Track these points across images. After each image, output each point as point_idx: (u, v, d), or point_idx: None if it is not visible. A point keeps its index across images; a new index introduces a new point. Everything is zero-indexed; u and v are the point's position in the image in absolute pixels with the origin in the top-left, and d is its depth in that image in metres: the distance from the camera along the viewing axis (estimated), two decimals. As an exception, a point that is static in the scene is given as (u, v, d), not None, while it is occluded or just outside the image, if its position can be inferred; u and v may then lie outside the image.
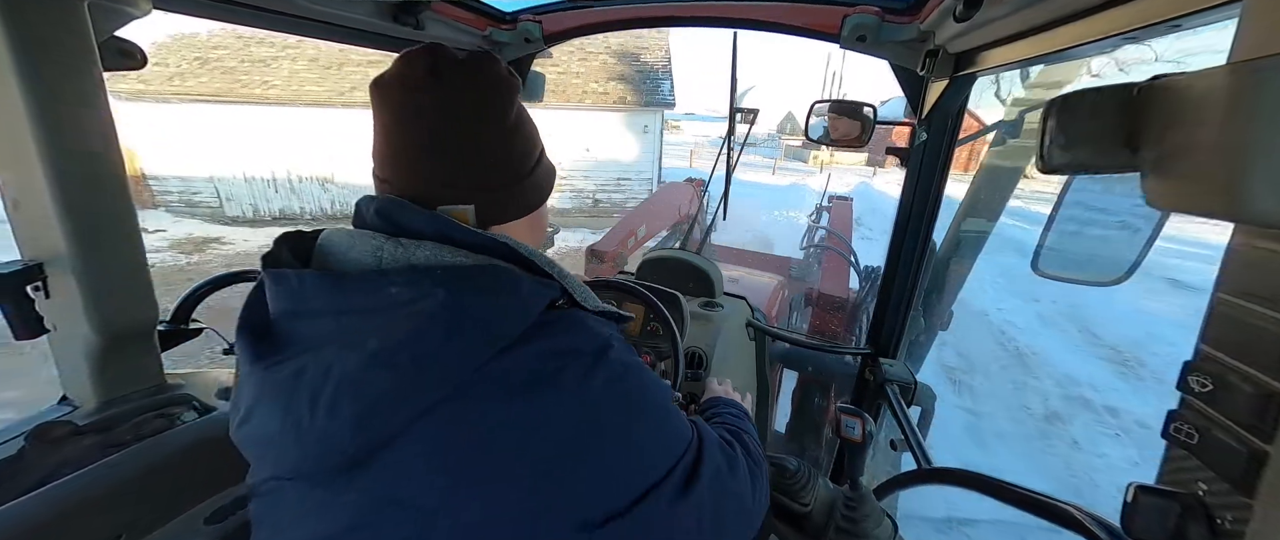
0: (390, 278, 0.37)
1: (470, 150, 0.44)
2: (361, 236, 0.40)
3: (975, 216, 1.79)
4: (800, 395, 2.29)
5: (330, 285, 0.38)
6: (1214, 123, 0.29)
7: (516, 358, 0.37)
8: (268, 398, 0.37)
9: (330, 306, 0.37)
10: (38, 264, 0.65)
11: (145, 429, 0.72)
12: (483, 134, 0.44)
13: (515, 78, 0.48)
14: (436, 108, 0.43)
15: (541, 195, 0.51)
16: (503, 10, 1.14)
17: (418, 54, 0.44)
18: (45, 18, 0.58)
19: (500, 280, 0.39)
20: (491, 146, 0.45)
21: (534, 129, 0.50)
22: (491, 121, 0.45)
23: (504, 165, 0.46)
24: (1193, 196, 0.31)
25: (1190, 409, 0.33)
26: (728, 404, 0.77)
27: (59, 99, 0.60)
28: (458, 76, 0.43)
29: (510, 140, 0.47)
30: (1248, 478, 0.28)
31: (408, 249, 0.39)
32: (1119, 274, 0.83)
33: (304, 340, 0.37)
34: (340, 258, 0.41)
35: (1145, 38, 0.52)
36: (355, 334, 0.36)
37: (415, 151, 0.44)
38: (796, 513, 0.87)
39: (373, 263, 0.39)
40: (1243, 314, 0.30)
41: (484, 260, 0.40)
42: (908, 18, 0.92)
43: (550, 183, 0.53)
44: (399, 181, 0.45)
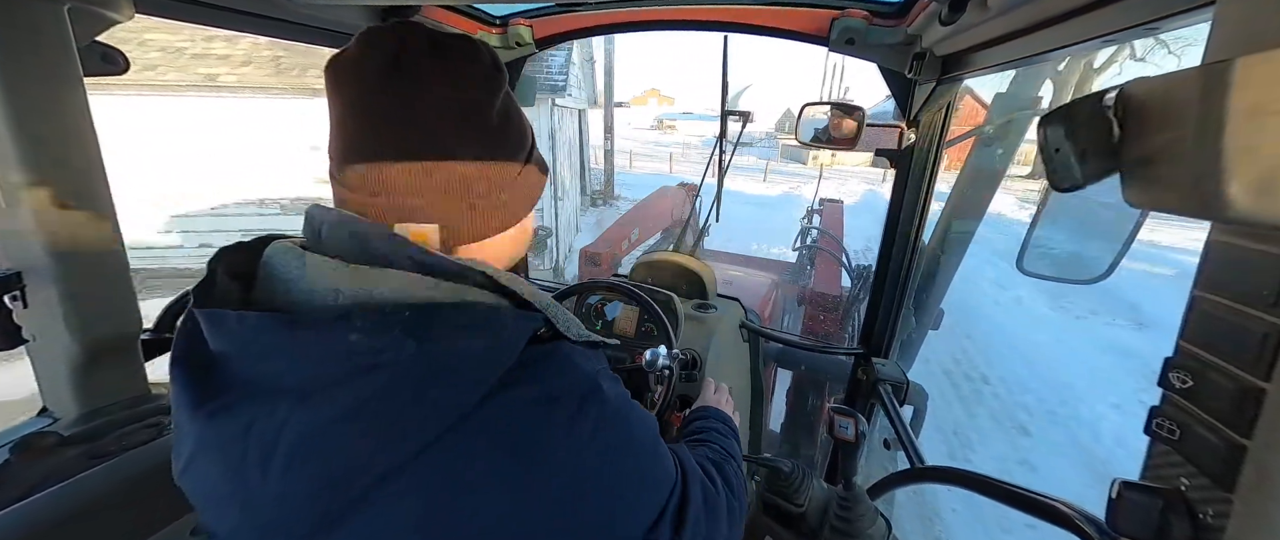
0: (352, 322, 0.31)
1: (441, 156, 0.37)
2: (315, 265, 0.34)
3: (961, 216, 1.81)
4: (794, 395, 2.30)
5: (280, 331, 0.32)
6: (1189, 124, 0.29)
7: (499, 406, 0.33)
8: (210, 450, 0.33)
9: (279, 353, 0.32)
10: (16, 273, 0.64)
11: (130, 439, 0.71)
12: (457, 138, 0.38)
13: (500, 67, 0.41)
14: (400, 107, 0.36)
15: (527, 203, 0.45)
16: (493, 15, 1.14)
17: (381, 38, 0.37)
18: (23, 22, 0.57)
19: (478, 319, 0.34)
20: (469, 151, 0.38)
21: (522, 125, 0.43)
22: (468, 123, 0.38)
23: (483, 173, 0.39)
24: (1170, 196, 0.32)
25: (1172, 405, 0.33)
26: (717, 417, 0.76)
27: (38, 105, 0.59)
28: (426, 69, 0.36)
29: (492, 143, 0.40)
30: (1228, 472, 0.29)
31: (370, 281, 0.33)
32: (1099, 272, 0.85)
33: (250, 386, 0.32)
34: (289, 287, 0.35)
35: (1125, 39, 0.53)
36: (312, 386, 0.31)
37: (372, 152, 0.37)
38: (791, 513, 0.87)
39: (329, 298, 0.33)
40: (1220, 311, 0.30)
41: (458, 292, 0.35)
42: (895, 21, 0.93)
43: (539, 187, 0.46)
44: (358, 187, 0.38)
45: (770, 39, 1.11)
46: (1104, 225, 0.84)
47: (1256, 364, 0.28)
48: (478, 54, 0.39)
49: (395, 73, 0.36)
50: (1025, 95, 1.72)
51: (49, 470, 0.63)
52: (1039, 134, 0.38)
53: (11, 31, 0.56)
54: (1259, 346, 0.28)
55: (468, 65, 0.38)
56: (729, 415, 0.79)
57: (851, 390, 1.39)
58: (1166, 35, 0.80)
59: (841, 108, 1.17)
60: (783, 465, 0.86)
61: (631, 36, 1.23)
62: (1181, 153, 0.30)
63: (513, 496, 0.33)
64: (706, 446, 0.65)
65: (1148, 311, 6.03)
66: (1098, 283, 0.85)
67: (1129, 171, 0.35)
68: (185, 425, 0.34)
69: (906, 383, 1.23)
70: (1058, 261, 0.95)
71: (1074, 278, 0.92)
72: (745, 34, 1.11)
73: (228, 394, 0.33)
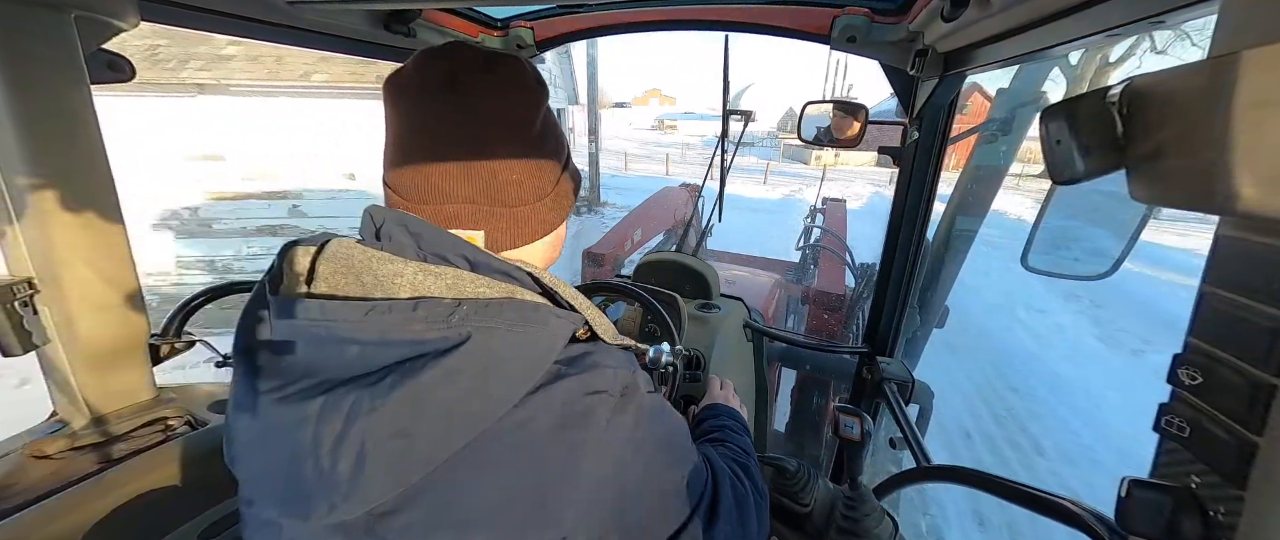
0: (416, 311, 0.34)
1: (490, 166, 0.41)
2: (378, 259, 0.37)
3: (965, 213, 1.81)
4: (799, 394, 2.29)
5: (354, 317, 0.34)
6: (1196, 118, 0.29)
7: (545, 399, 0.35)
8: (276, 433, 0.34)
9: (351, 340, 0.34)
10: (26, 279, 0.65)
11: (140, 443, 0.71)
12: (504, 149, 0.41)
13: (542, 83, 0.44)
14: (454, 119, 0.40)
15: (564, 211, 0.48)
16: (494, 17, 1.14)
17: (436, 57, 0.41)
18: (30, 31, 0.57)
19: (527, 315, 0.36)
20: (513, 162, 0.42)
21: (560, 137, 0.46)
22: (515, 134, 0.41)
23: (526, 182, 0.43)
24: (1177, 191, 0.31)
25: (1181, 402, 0.33)
26: (729, 415, 0.76)
27: (46, 113, 0.60)
28: (480, 85, 0.40)
29: (534, 154, 0.43)
30: (1239, 470, 0.29)
31: (427, 276, 0.36)
32: (1105, 268, 0.84)
33: (317, 372, 0.34)
34: (351, 281, 0.37)
35: (1129, 34, 0.52)
36: (377, 373, 0.33)
37: (429, 165, 0.40)
38: (797, 513, 0.86)
39: (391, 290, 0.36)
40: (1230, 306, 0.30)
41: (508, 291, 0.38)
42: (896, 18, 0.92)
43: (573, 196, 0.49)
44: (410, 194, 0.41)
45: (772, 38, 1.11)
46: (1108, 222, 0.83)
47: (1267, 360, 0.27)
48: (524, 70, 0.43)
49: (451, 89, 0.39)
50: (1029, 90, 1.71)
51: (60, 474, 0.64)
52: (1041, 127, 0.38)
53: (19, 40, 0.57)
54: (1269, 342, 0.27)
55: (516, 81, 0.42)
56: (738, 411, 0.79)
57: (856, 389, 1.39)
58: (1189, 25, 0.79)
59: (844, 106, 1.17)
60: (788, 464, 0.86)
61: (633, 37, 1.23)
62: (1188, 147, 0.30)
63: (556, 485, 0.34)
64: (725, 446, 0.65)
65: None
66: (1102, 279, 0.85)
67: (1135, 167, 0.34)
68: (245, 407, 0.36)
69: (912, 381, 1.22)
70: (1062, 258, 0.94)
71: (1078, 274, 0.91)
72: (746, 33, 1.11)
73: (295, 380, 0.34)
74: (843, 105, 1.18)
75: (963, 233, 1.83)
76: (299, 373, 0.35)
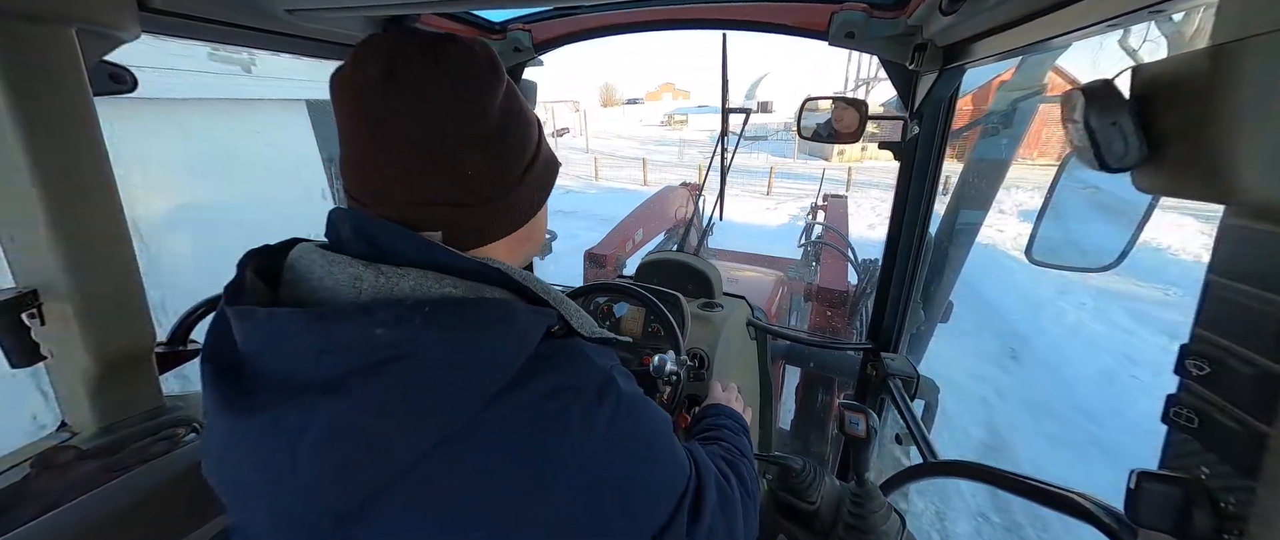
0: (375, 316, 0.32)
1: (440, 163, 0.38)
2: (337, 262, 0.36)
3: (967, 206, 1.80)
4: (804, 391, 2.29)
5: (306, 325, 0.33)
6: (1198, 106, 0.29)
7: (516, 398, 0.34)
8: (240, 445, 0.34)
9: (307, 347, 0.33)
10: (32, 291, 0.65)
11: (148, 452, 0.72)
12: (454, 144, 0.38)
13: (496, 67, 0.40)
14: (395, 115, 0.37)
15: (534, 205, 0.45)
16: (491, 20, 1.15)
17: (373, 48, 0.38)
18: (33, 45, 0.58)
19: (495, 313, 0.35)
20: (467, 156, 0.38)
21: (526, 124, 0.43)
22: (466, 127, 0.38)
23: (484, 177, 0.40)
24: (1181, 181, 0.31)
25: (1189, 393, 0.33)
26: (728, 415, 0.75)
27: (50, 126, 0.60)
28: (421, 75, 0.37)
29: (491, 146, 0.40)
30: (1249, 460, 0.28)
31: (390, 279, 0.35)
32: (1110, 260, 0.84)
33: (279, 383, 0.33)
34: (314, 285, 0.36)
35: (1129, 23, 0.52)
36: (338, 379, 0.32)
37: (375, 163, 0.38)
38: (804, 511, 0.86)
39: (351, 294, 0.35)
40: (1236, 296, 0.30)
41: (475, 290, 0.37)
42: (895, 12, 0.92)
43: (547, 186, 0.46)
44: (362, 196, 0.39)
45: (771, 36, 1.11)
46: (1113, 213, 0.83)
47: (1276, 348, 0.27)
48: (473, 55, 0.39)
49: (391, 81, 0.36)
50: (1032, 80, 1.70)
51: (69, 484, 0.64)
52: (1081, 112, 0.34)
53: (21, 53, 0.57)
54: (1278, 330, 0.27)
55: (464, 68, 0.38)
56: (739, 412, 0.78)
57: (861, 386, 1.38)
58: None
59: (843, 101, 1.17)
60: (794, 463, 0.86)
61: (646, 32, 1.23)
62: (1192, 136, 0.29)
63: (531, 485, 0.33)
64: (718, 444, 0.65)
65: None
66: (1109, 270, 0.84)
67: None
68: (216, 421, 0.35)
69: (917, 377, 1.22)
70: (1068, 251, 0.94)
71: (1085, 266, 0.90)
72: (745, 31, 1.11)
73: (258, 391, 0.33)
74: (842, 101, 1.18)
75: (966, 227, 1.82)
76: (258, 383, 0.34)
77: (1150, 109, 0.33)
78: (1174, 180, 0.32)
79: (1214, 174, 0.28)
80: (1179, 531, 0.32)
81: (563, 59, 12.36)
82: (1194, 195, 0.30)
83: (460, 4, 0.72)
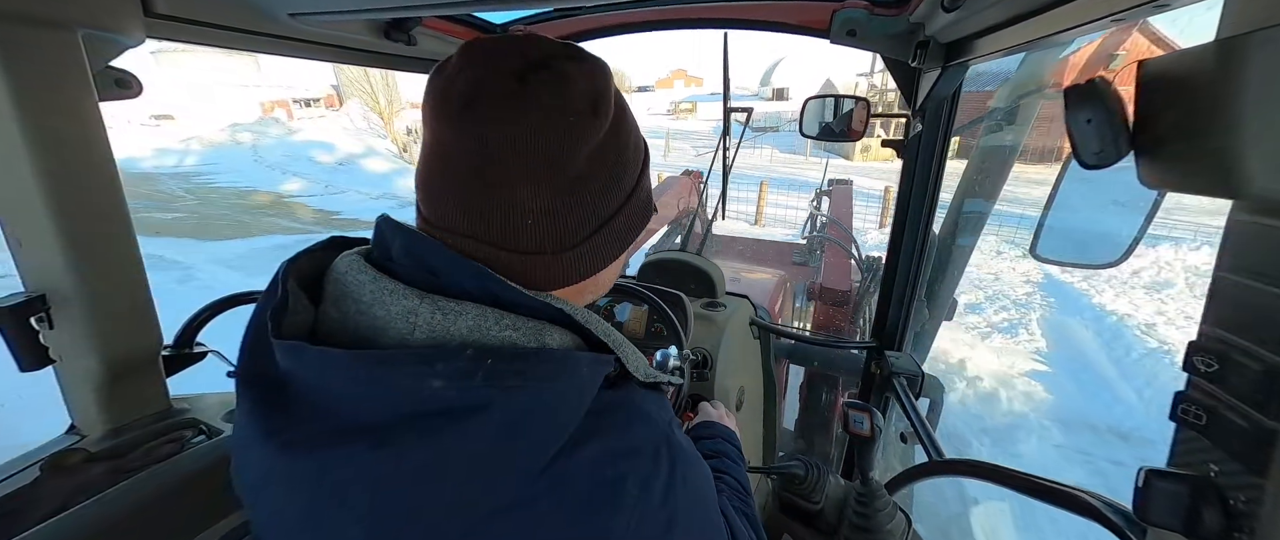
0: (433, 366, 0.30)
1: (496, 205, 0.34)
2: (392, 291, 0.33)
3: (971, 203, 1.79)
4: (807, 390, 2.28)
5: (362, 373, 0.31)
6: (1205, 101, 0.29)
7: (574, 463, 0.32)
8: (284, 483, 0.32)
9: (358, 389, 0.31)
10: (41, 295, 0.66)
11: (156, 454, 0.72)
12: (520, 188, 0.34)
13: (599, 104, 0.35)
14: (460, 144, 0.33)
15: (610, 255, 0.40)
16: (492, 23, 1.15)
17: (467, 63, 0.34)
18: (40, 50, 0.58)
19: (556, 366, 0.32)
20: (529, 205, 0.34)
21: (619, 166, 0.38)
22: (535, 173, 0.34)
23: (546, 228, 0.35)
24: (1187, 176, 0.31)
25: (1197, 390, 0.33)
26: (725, 436, 0.72)
27: (56, 130, 0.61)
28: (496, 107, 0.33)
29: (564, 197, 0.35)
30: (1258, 457, 0.28)
31: (447, 317, 0.32)
32: (1116, 256, 0.83)
33: (324, 417, 0.31)
34: (361, 310, 0.33)
35: (1134, 18, 0.52)
36: (389, 431, 0.30)
37: (438, 188, 0.35)
38: (808, 511, 0.86)
39: (404, 328, 0.32)
40: (1244, 292, 0.29)
41: (537, 333, 0.34)
42: (896, 10, 0.92)
43: (631, 237, 0.41)
44: (427, 214, 0.37)
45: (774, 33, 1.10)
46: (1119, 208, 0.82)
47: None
48: (567, 91, 0.34)
49: (466, 107, 0.33)
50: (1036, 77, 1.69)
51: (78, 486, 0.65)
52: (1066, 108, 0.35)
53: (28, 58, 0.57)
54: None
55: (549, 104, 0.33)
56: (733, 431, 0.76)
57: (865, 384, 1.38)
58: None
59: (845, 99, 1.16)
60: (797, 470, 0.86)
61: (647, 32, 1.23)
62: (1199, 131, 0.29)
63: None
64: (722, 480, 0.63)
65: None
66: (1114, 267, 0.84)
67: (1144, 151, 0.34)
68: (255, 450, 0.33)
69: (921, 375, 1.21)
70: (1072, 247, 0.93)
71: (1090, 262, 0.90)
72: (746, 30, 1.11)
73: (302, 423, 0.32)
74: (844, 99, 1.18)
75: (969, 225, 1.81)
76: (304, 417, 0.32)
77: (1157, 104, 0.33)
78: (1180, 175, 0.32)
79: (1221, 169, 0.28)
80: (1188, 530, 0.32)
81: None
82: (1200, 190, 0.30)
83: (462, 6, 0.73)
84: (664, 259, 1.54)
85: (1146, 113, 0.33)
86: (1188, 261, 6.04)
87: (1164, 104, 0.32)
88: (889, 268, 1.24)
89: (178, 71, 22.52)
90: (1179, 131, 0.31)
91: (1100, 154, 0.34)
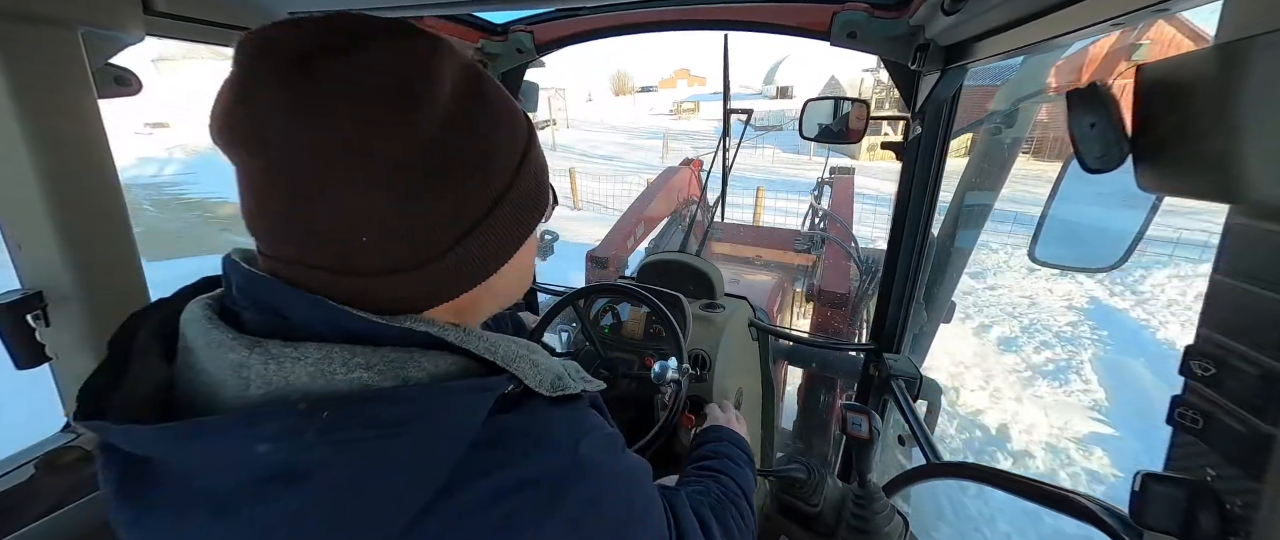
0: (258, 427, 0.25)
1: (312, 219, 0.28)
2: (219, 345, 0.28)
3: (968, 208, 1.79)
4: (806, 392, 2.28)
5: (177, 444, 0.27)
6: (1203, 105, 0.29)
7: (451, 509, 0.28)
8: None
9: (189, 466, 0.28)
10: (37, 292, 0.66)
11: (151, 453, 0.72)
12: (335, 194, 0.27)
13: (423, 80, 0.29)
14: (253, 155, 0.27)
15: (508, 246, 0.34)
16: (494, 22, 1.15)
17: (236, 59, 0.27)
18: (39, 48, 0.58)
19: (414, 405, 0.27)
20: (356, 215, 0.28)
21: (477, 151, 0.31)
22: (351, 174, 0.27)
23: (385, 243, 0.29)
24: (1185, 180, 0.31)
25: (1194, 394, 0.33)
26: (732, 441, 0.71)
27: (56, 127, 0.61)
28: (282, 96, 0.26)
29: (417, 194, 0.28)
30: (1254, 461, 0.28)
31: (282, 366, 0.27)
32: (1114, 260, 0.84)
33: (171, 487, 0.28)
34: (199, 371, 0.29)
35: (1132, 22, 0.52)
36: (227, 500, 0.26)
37: (251, 207, 0.29)
38: (806, 513, 0.86)
39: (237, 387, 0.27)
40: (1241, 296, 0.29)
41: (397, 369, 0.29)
42: (897, 12, 0.92)
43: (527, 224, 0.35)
44: (270, 253, 0.30)
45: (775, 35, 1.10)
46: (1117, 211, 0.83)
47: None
48: (365, 73, 0.27)
49: (239, 102, 0.27)
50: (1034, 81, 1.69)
51: (73, 485, 0.65)
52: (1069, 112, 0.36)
53: (27, 56, 0.57)
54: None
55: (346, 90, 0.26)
56: (742, 436, 0.75)
57: (863, 386, 1.38)
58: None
59: (845, 102, 1.17)
60: (797, 473, 0.86)
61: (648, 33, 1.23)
62: (1197, 135, 0.29)
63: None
64: (715, 479, 0.62)
65: None
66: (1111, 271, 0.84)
67: (1142, 155, 0.34)
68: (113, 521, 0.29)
69: (919, 378, 1.21)
70: (1070, 249, 0.94)
71: (1087, 266, 0.90)
72: (746, 31, 1.11)
73: (147, 495, 0.28)
74: (844, 101, 1.18)
75: (968, 226, 1.82)
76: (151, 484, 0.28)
77: (1156, 108, 0.33)
78: (1178, 179, 0.32)
79: (1220, 174, 0.28)
80: (1184, 534, 0.32)
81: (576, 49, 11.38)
82: (1199, 195, 0.30)
83: (462, 6, 0.73)
84: (663, 260, 1.54)
85: (1145, 117, 0.33)
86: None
87: (1162, 108, 0.32)
88: (888, 270, 1.25)
89: (178, 78, 22.48)
90: (1177, 136, 0.31)
91: (1104, 158, 0.34)
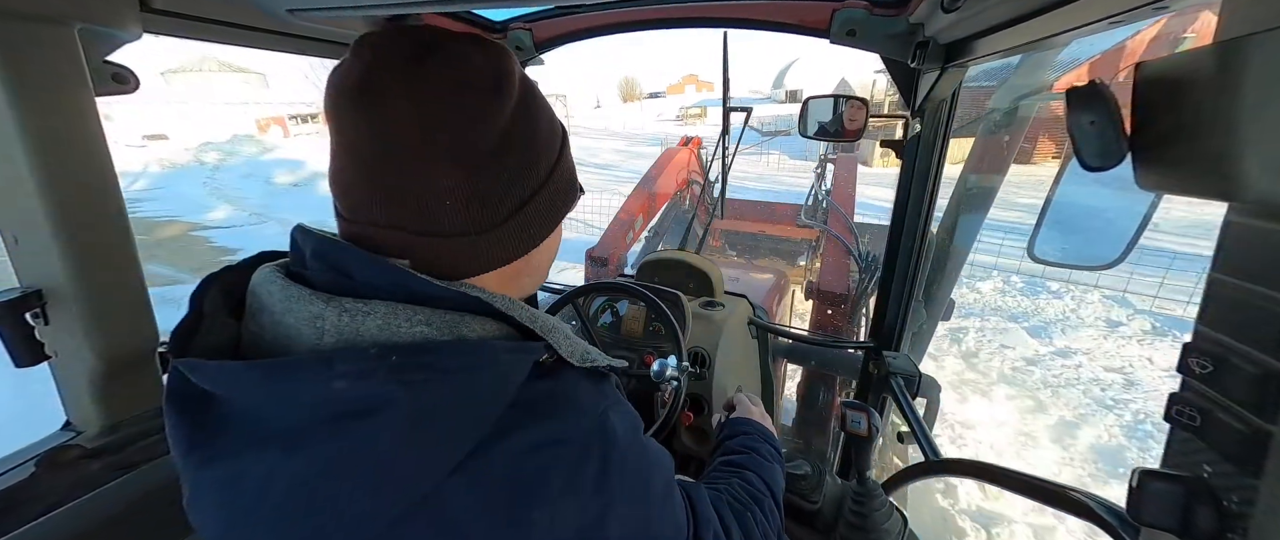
0: (335, 368, 0.29)
1: (407, 188, 0.34)
2: (298, 297, 0.32)
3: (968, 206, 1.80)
4: (805, 389, 2.29)
5: (260, 379, 0.30)
6: (1203, 104, 0.29)
7: (492, 458, 0.31)
8: (207, 495, 0.32)
9: (266, 399, 0.31)
10: (36, 291, 0.65)
11: (152, 450, 0.72)
12: (430, 167, 0.33)
13: (502, 81, 0.36)
14: (363, 129, 0.33)
15: (533, 238, 0.40)
16: (493, 20, 1.15)
17: (359, 49, 0.34)
18: (35, 45, 0.58)
19: (472, 359, 0.32)
20: (443, 184, 0.34)
21: (536, 142, 0.38)
22: (446, 151, 0.34)
23: (463, 208, 0.35)
24: (1184, 178, 0.31)
25: (1191, 391, 0.33)
26: (762, 437, 0.70)
27: (53, 126, 0.60)
28: (396, 86, 0.33)
29: (479, 175, 0.35)
30: (1252, 458, 0.28)
31: (354, 318, 0.31)
32: (1113, 258, 0.84)
33: (240, 429, 0.31)
34: (274, 321, 0.33)
35: (1133, 20, 0.52)
36: (298, 435, 0.29)
37: (348, 180, 0.35)
38: (806, 510, 0.87)
39: (313, 335, 0.31)
40: (1239, 294, 0.30)
41: (453, 325, 0.33)
42: (896, 10, 0.92)
43: (557, 216, 0.41)
44: (342, 209, 0.36)
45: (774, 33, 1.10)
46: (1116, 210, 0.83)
47: (1279, 347, 0.27)
48: (469, 66, 0.34)
49: (362, 91, 0.33)
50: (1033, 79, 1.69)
51: (74, 482, 0.65)
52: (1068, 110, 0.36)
53: (24, 53, 0.57)
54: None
55: (455, 81, 0.34)
56: (771, 431, 0.74)
57: (862, 384, 1.38)
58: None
59: (844, 100, 1.17)
60: (799, 469, 0.86)
61: (647, 31, 1.24)
62: (1196, 133, 0.29)
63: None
64: (739, 476, 0.61)
65: None
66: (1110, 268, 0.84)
67: (1141, 153, 0.34)
68: (182, 464, 0.33)
69: (918, 375, 1.22)
70: (1069, 248, 0.94)
71: (1086, 264, 0.90)
72: (746, 29, 1.10)
73: (219, 438, 0.31)
74: (844, 99, 1.18)
75: (967, 224, 1.82)
76: (221, 428, 0.32)
77: (1154, 106, 0.33)
78: (1177, 177, 0.32)
79: (1218, 171, 0.28)
80: (1182, 530, 0.32)
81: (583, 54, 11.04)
82: (1197, 193, 0.30)
83: (461, 3, 0.72)
84: (663, 258, 1.54)
85: (1143, 115, 0.33)
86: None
87: (1161, 106, 0.32)
88: (887, 269, 1.25)
89: (187, 89, 22.34)
90: (1176, 134, 0.31)
91: (1103, 156, 0.34)
